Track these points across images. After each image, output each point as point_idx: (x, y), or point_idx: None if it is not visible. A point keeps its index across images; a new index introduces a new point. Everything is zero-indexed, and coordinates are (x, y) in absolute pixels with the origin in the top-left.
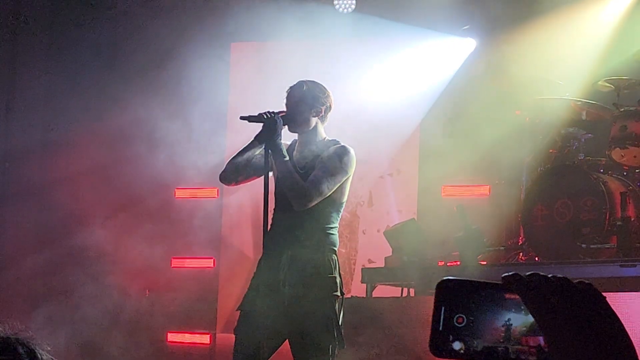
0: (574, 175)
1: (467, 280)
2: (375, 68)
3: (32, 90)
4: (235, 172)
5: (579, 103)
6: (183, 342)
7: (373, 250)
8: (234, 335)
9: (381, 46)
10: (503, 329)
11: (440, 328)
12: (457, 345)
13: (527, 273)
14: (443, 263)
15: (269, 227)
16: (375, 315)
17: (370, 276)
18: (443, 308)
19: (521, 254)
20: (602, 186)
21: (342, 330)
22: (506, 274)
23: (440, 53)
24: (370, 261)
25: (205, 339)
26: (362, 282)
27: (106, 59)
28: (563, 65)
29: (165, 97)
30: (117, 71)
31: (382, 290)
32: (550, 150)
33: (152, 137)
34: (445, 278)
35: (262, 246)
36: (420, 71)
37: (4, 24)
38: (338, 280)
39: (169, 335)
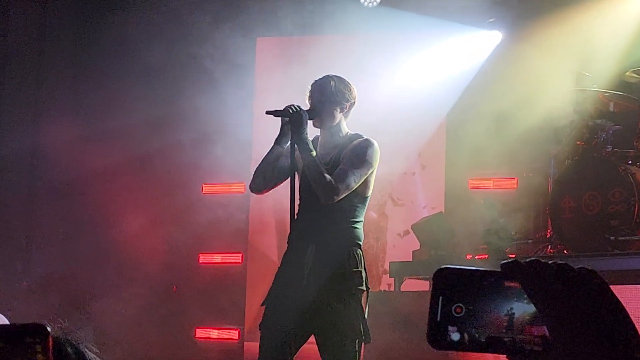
0: (601, 167)
1: (465, 269)
2: (401, 62)
3: (59, 87)
4: (263, 180)
5: (607, 95)
6: (211, 338)
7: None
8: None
9: (406, 40)
10: (506, 318)
11: (438, 318)
12: (456, 336)
13: (527, 259)
14: (471, 256)
15: (293, 222)
16: (403, 309)
17: (398, 270)
18: (441, 298)
19: (549, 246)
20: (630, 177)
21: (368, 325)
22: (505, 261)
23: (466, 46)
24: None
25: (234, 334)
26: (390, 277)
27: (132, 55)
28: (590, 57)
29: (191, 93)
30: (143, 67)
31: (411, 284)
32: (578, 142)
33: (179, 133)
34: (442, 267)
35: (287, 241)
36: (446, 65)
37: (30, 23)
38: (363, 274)
39: (198, 331)
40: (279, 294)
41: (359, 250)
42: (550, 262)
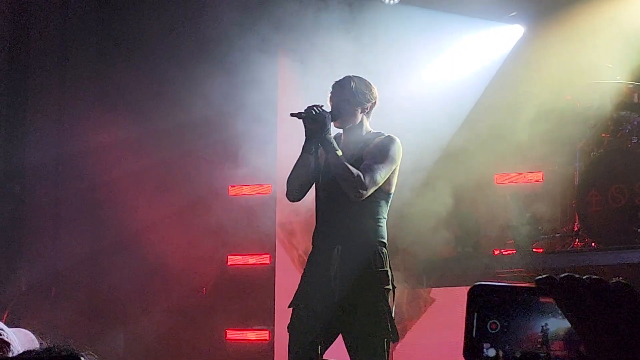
0: (627, 159)
1: (500, 285)
2: (422, 59)
3: (83, 91)
4: (299, 188)
5: (631, 86)
6: (242, 339)
7: None
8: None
9: (428, 37)
10: (540, 334)
11: (474, 335)
12: (491, 352)
13: (561, 275)
14: (498, 252)
15: (318, 222)
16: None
17: (426, 267)
18: (476, 314)
19: (577, 240)
20: None
21: (395, 323)
22: (539, 277)
23: (487, 41)
24: None
25: (264, 335)
26: (418, 273)
27: (155, 59)
28: (613, 49)
29: (215, 95)
30: (168, 71)
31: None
32: (603, 135)
33: (205, 136)
34: (477, 283)
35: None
36: (469, 60)
37: (52, 29)
38: (389, 273)
39: (228, 332)
40: (306, 296)
41: (384, 249)
42: (584, 277)
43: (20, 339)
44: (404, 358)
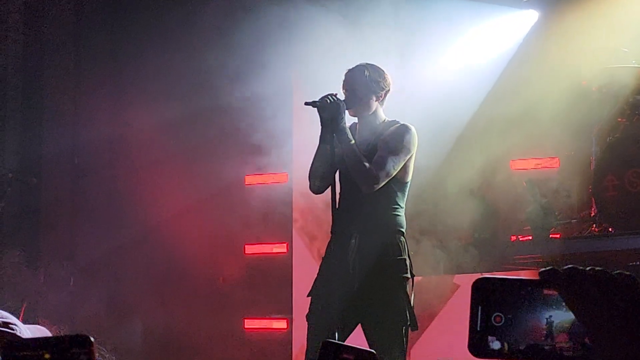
0: None
1: (504, 278)
2: (437, 46)
3: (98, 85)
4: (321, 180)
5: None
6: (260, 328)
7: None
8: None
9: (442, 24)
10: (545, 326)
11: (478, 328)
12: (496, 345)
13: (564, 267)
14: (515, 238)
15: (336, 210)
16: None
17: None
18: (480, 307)
19: (594, 225)
20: None
21: (414, 312)
22: (543, 270)
23: (502, 27)
24: None
25: (282, 324)
26: (434, 260)
27: (171, 48)
28: (628, 32)
29: (231, 86)
30: (181, 61)
31: None
32: (619, 119)
33: (220, 126)
34: (480, 277)
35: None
36: (483, 46)
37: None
38: (408, 262)
39: (246, 322)
40: (325, 285)
41: (402, 237)
42: (587, 268)
43: (35, 335)
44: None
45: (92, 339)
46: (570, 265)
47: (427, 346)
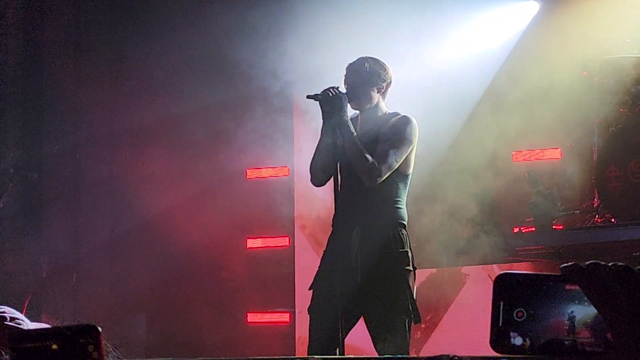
0: None
1: (525, 274)
2: (438, 37)
3: (99, 80)
4: (323, 173)
5: None
6: (263, 322)
7: None
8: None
9: (443, 15)
10: (567, 321)
11: (500, 324)
12: (518, 341)
13: (587, 263)
14: (518, 229)
15: (337, 204)
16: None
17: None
18: (502, 303)
19: (596, 216)
20: None
21: (417, 305)
22: (565, 265)
23: (503, 18)
24: None
25: (285, 317)
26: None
27: (172, 44)
28: (629, 23)
29: (231, 82)
30: (182, 56)
31: None
32: (621, 110)
33: (221, 121)
34: (502, 272)
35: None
36: (484, 38)
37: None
38: (410, 254)
39: (249, 315)
40: (327, 278)
41: (403, 230)
42: (610, 264)
43: None
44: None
45: (99, 329)
46: (592, 261)
47: (439, 338)
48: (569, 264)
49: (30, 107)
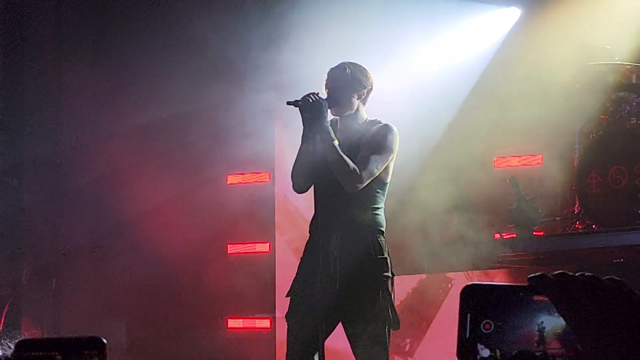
0: (626, 141)
1: (493, 285)
2: (418, 44)
3: (80, 86)
4: (304, 179)
5: (629, 67)
6: (244, 327)
7: None
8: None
9: (423, 21)
10: (537, 332)
11: (467, 335)
12: (485, 353)
13: (554, 273)
14: (499, 236)
15: (316, 210)
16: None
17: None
18: (469, 314)
19: (577, 222)
20: None
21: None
22: (532, 275)
23: (484, 24)
24: None
25: (266, 323)
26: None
27: (155, 50)
28: (610, 29)
29: (213, 87)
30: (166, 64)
31: None
32: (602, 116)
33: (202, 126)
34: (469, 284)
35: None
36: (465, 44)
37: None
38: (388, 261)
39: (230, 321)
40: (305, 284)
41: (382, 237)
42: (577, 274)
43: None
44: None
45: (104, 341)
46: (559, 271)
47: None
48: (537, 274)
49: (10, 113)
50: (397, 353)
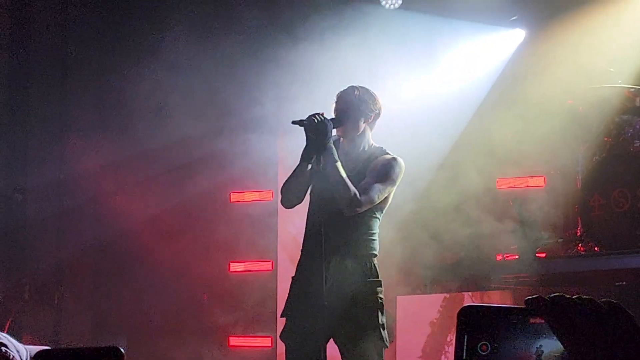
0: (630, 163)
1: (490, 306)
2: (423, 65)
3: (84, 101)
4: (293, 195)
5: (632, 90)
6: (245, 346)
7: None
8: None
9: (428, 42)
10: (534, 355)
11: (464, 357)
12: None
13: (551, 295)
14: (501, 257)
15: (312, 230)
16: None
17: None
18: (466, 336)
19: (579, 245)
20: None
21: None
22: (529, 297)
23: (489, 46)
24: None
25: (267, 341)
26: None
27: (156, 67)
28: (614, 52)
29: (216, 103)
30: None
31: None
32: (605, 139)
33: (206, 144)
34: (466, 305)
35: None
36: (470, 65)
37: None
38: (381, 283)
39: (231, 339)
40: (299, 305)
41: (375, 260)
42: (574, 297)
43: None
44: None
45: (122, 350)
46: (556, 294)
47: None
48: (533, 296)
49: (14, 128)
50: None
